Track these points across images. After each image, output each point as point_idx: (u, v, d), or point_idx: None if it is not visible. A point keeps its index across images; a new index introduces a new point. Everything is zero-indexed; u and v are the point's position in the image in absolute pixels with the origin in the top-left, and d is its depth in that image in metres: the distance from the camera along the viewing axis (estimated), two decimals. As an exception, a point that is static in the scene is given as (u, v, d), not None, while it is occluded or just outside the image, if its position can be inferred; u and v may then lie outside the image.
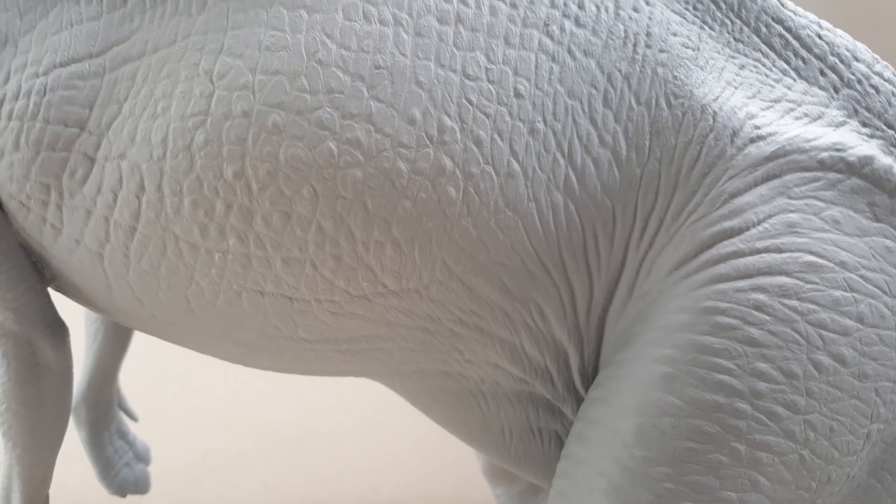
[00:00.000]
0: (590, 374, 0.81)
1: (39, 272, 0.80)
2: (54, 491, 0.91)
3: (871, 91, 0.81)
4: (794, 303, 0.72)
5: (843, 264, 0.73)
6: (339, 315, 0.75)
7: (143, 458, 1.16)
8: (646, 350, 0.74)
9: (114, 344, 1.10)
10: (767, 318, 0.71)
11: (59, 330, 0.82)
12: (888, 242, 0.76)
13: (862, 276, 0.74)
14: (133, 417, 1.19)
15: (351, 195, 0.71)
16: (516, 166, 0.73)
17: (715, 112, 0.75)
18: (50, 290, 0.83)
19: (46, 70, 0.74)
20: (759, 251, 0.73)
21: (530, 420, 0.86)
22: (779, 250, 0.73)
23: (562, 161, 0.74)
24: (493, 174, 0.72)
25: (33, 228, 0.76)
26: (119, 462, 1.13)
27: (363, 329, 0.77)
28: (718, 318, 0.71)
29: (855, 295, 0.73)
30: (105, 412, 1.12)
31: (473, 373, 0.83)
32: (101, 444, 1.12)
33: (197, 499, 1.81)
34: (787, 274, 0.72)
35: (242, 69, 0.71)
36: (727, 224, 0.74)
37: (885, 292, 0.74)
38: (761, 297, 0.71)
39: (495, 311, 0.77)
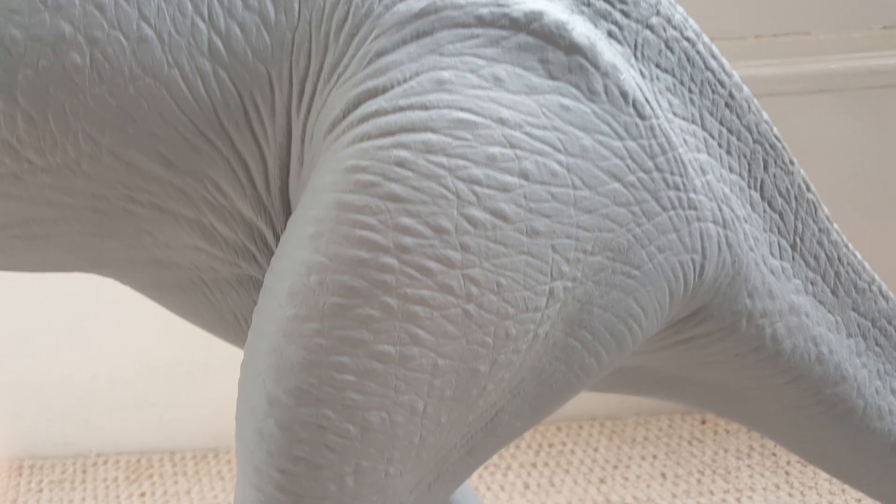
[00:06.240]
0: None
1: None
2: None
3: None
4: (441, 159, 0.70)
5: (502, 121, 0.71)
6: None
7: None
8: (300, 213, 0.73)
9: None
10: (410, 173, 0.70)
11: None
12: (564, 100, 0.73)
13: (527, 133, 0.72)
14: None
15: None
16: (148, 30, 0.72)
17: None
18: None
19: None
20: (402, 108, 0.71)
21: None
22: (424, 107, 0.71)
23: (202, 25, 0.73)
24: (123, 39, 0.71)
25: None
26: None
27: (26, 211, 0.76)
28: (360, 175, 0.71)
29: (517, 152, 0.71)
30: None
31: (183, 259, 0.83)
32: None
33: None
34: (433, 131, 0.71)
35: None
36: (372, 83, 0.72)
37: (557, 150, 0.72)
38: (404, 153, 0.70)
39: (165, 186, 0.76)
